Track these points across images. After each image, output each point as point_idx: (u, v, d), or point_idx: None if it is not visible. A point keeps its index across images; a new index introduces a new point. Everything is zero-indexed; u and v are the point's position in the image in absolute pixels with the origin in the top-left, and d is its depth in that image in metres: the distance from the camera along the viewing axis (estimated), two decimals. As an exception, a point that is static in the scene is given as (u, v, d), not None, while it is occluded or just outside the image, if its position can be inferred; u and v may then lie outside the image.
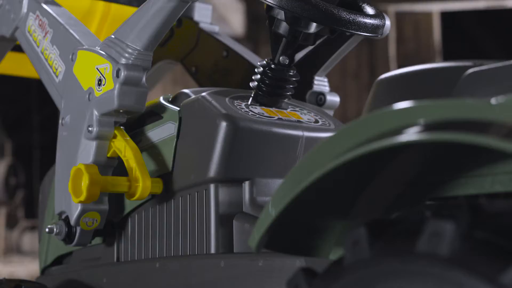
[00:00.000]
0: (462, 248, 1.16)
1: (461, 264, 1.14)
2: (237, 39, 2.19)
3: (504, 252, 1.12)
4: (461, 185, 1.50)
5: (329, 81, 2.64)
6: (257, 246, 1.46)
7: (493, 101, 1.21)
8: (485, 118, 1.20)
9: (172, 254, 2.19)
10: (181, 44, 2.89)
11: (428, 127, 1.25)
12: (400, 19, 8.65)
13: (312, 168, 1.40)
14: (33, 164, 13.05)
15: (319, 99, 2.53)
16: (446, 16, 9.15)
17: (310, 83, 2.53)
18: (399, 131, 1.28)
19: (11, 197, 12.06)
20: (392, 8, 8.67)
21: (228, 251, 2.08)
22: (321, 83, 2.55)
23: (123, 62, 2.17)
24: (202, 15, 2.86)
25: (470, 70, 1.53)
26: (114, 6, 2.83)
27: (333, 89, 2.62)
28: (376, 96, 1.70)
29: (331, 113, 2.54)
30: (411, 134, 1.24)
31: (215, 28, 2.86)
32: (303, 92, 2.53)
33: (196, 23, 2.85)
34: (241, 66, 2.72)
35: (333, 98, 2.55)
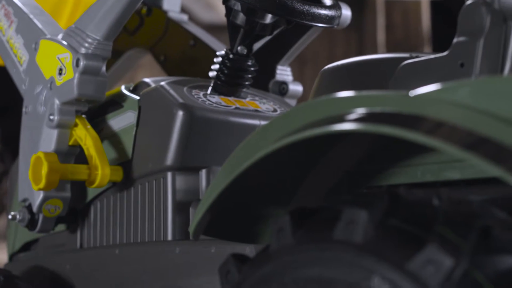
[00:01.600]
0: (375, 236, 1.19)
1: (373, 251, 1.18)
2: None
3: (414, 240, 1.16)
4: (394, 175, 1.54)
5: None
6: (193, 232, 1.50)
7: (411, 93, 1.25)
8: (405, 111, 1.23)
9: (132, 241, 2.23)
10: (150, 33, 2.92)
11: (350, 118, 1.28)
12: (389, 6, 8.66)
13: (245, 155, 1.43)
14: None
15: (281, 89, 2.56)
16: (435, 3, 9.16)
17: (273, 73, 2.56)
18: (325, 121, 1.32)
19: (-2, 184, 12.07)
20: (381, -5, 8.67)
21: (185, 238, 2.12)
22: (283, 73, 2.58)
23: (83, 52, 2.20)
24: (171, 4, 2.88)
25: (405, 62, 1.57)
26: None
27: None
28: (319, 86, 1.74)
29: (294, 102, 2.57)
30: (331, 125, 1.28)
31: (184, 17, 2.89)
32: (266, 81, 2.56)
33: (165, 12, 2.87)
34: (208, 55, 2.75)
35: (296, 88, 2.58)
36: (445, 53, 1.51)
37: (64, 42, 2.25)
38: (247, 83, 2.30)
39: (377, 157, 1.56)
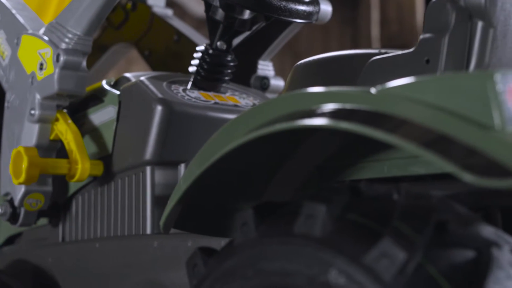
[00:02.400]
0: (334, 230, 1.21)
1: (331, 244, 1.19)
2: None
3: (370, 234, 1.18)
4: (362, 169, 1.55)
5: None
6: (163, 224, 1.52)
7: (372, 90, 1.26)
8: (365, 107, 1.25)
9: (112, 235, 2.25)
10: (135, 27, 2.94)
11: (313, 114, 1.30)
12: (384, 1, 8.66)
13: (214, 149, 1.45)
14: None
15: (263, 84, 2.58)
16: (430, -2, 9.15)
17: (254, 68, 2.58)
18: (289, 117, 1.34)
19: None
20: (376, -11, 8.68)
21: (163, 231, 2.14)
22: (265, 68, 2.59)
23: (63, 47, 2.21)
24: None
25: (373, 58, 1.58)
26: None
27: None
28: (292, 81, 1.76)
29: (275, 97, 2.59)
30: (293, 121, 1.29)
31: (169, 12, 2.90)
32: (247, 76, 2.58)
33: (150, 7, 2.89)
34: (191, 51, 2.76)
35: (277, 83, 2.59)
36: (411, 50, 1.53)
37: (45, 37, 2.26)
38: (226, 78, 2.31)
39: (347, 152, 1.58)
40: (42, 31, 2.30)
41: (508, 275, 1.12)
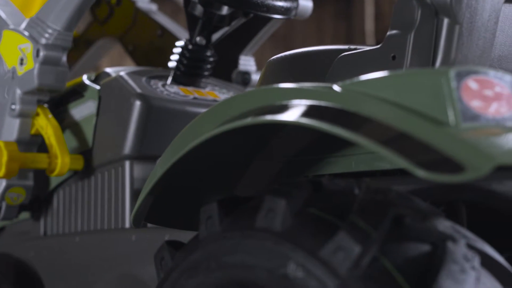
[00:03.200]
0: (293, 224, 1.23)
1: (290, 238, 1.21)
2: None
3: (328, 228, 1.19)
4: (330, 164, 1.57)
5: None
6: (133, 218, 1.54)
7: (335, 87, 1.28)
8: (326, 104, 1.26)
9: (92, 229, 2.27)
10: (120, 22, 2.95)
11: (275, 110, 1.32)
12: (378, -5, 8.67)
13: (182, 143, 1.47)
14: None
15: (244, 79, 2.59)
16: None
17: (236, 63, 2.60)
18: (252, 112, 1.35)
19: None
20: (370, -16, 8.69)
21: (142, 225, 2.16)
22: (246, 63, 2.61)
23: (43, 42, 2.23)
24: None
25: (342, 55, 1.60)
26: None
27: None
28: (264, 76, 1.77)
29: (257, 92, 2.60)
30: (254, 117, 1.31)
31: (153, 7, 2.91)
32: (229, 72, 2.60)
33: (133, 2, 2.90)
34: (174, 45, 2.78)
35: (258, 77, 2.61)
36: (378, 46, 1.54)
37: (26, 33, 2.28)
38: (206, 73, 2.33)
39: (316, 147, 1.60)
40: (23, 26, 2.31)
41: (462, 268, 1.14)
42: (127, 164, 2.17)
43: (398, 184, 1.46)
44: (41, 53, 2.21)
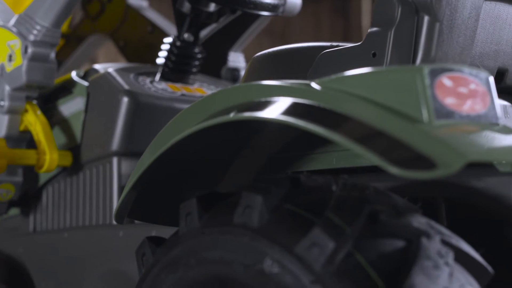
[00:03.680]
0: (270, 220, 1.24)
1: (266, 234, 1.22)
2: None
3: (303, 224, 1.20)
4: (312, 161, 1.58)
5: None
6: (116, 213, 1.54)
7: (313, 84, 1.29)
8: (303, 101, 1.27)
9: (80, 225, 2.28)
10: (111, 19, 2.96)
11: (255, 107, 1.33)
12: (374, -9, 8.67)
13: (162, 141, 1.48)
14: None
15: (234, 75, 2.60)
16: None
17: (225, 60, 2.61)
18: (230, 109, 1.36)
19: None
20: (367, -20, 8.70)
21: (129, 222, 2.17)
22: (236, 59, 2.62)
23: (31, 39, 2.24)
24: None
25: (324, 52, 1.61)
26: None
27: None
28: (248, 73, 1.78)
29: (246, 88, 2.61)
30: (231, 114, 1.32)
31: (143, 4, 2.92)
32: (218, 68, 2.61)
33: (124, -1, 2.91)
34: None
35: (248, 74, 2.61)
36: (359, 43, 1.55)
37: (14, 29, 2.28)
38: (194, 70, 2.34)
39: (299, 143, 1.61)
40: (12, 22, 2.32)
41: (435, 264, 1.15)
42: (114, 160, 2.18)
43: (379, 180, 1.47)
44: (29, 50, 2.22)
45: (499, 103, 1.71)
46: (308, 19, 8.54)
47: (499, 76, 1.68)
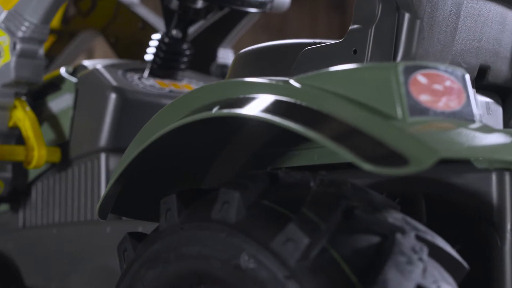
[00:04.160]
0: (248, 216, 1.25)
1: (243, 230, 1.23)
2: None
3: (280, 220, 1.21)
4: (295, 157, 1.59)
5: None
6: (98, 209, 1.55)
7: (292, 81, 1.30)
8: (281, 98, 1.28)
9: (69, 221, 2.29)
10: (102, 15, 2.97)
11: (234, 104, 1.34)
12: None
13: (144, 137, 1.49)
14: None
15: (223, 72, 2.61)
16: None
17: (215, 56, 2.61)
18: (209, 106, 1.37)
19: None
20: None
21: (117, 218, 2.18)
22: (225, 56, 2.63)
23: (20, 36, 2.24)
24: None
25: (306, 49, 1.62)
26: None
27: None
28: (233, 70, 1.79)
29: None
30: (210, 111, 1.33)
31: (134, 0, 2.93)
32: (208, 65, 2.62)
33: (115, -5, 2.92)
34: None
35: (237, 70, 2.62)
36: (340, 40, 1.56)
37: (2, 25, 2.29)
38: (182, 66, 2.35)
39: (281, 140, 1.61)
40: (0, 19, 2.33)
41: (409, 260, 1.16)
42: (102, 156, 2.19)
43: (360, 177, 1.48)
44: (18, 46, 2.23)
45: (482, 100, 1.72)
46: (305, 15, 8.54)
47: (481, 73, 1.69)
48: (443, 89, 1.21)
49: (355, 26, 1.53)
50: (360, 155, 1.12)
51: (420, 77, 1.19)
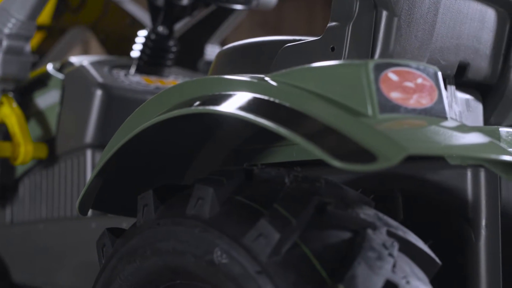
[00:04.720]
0: (221, 211, 1.26)
1: (217, 226, 1.24)
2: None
3: (252, 216, 1.22)
4: (274, 153, 1.60)
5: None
6: (79, 204, 1.56)
7: (266, 78, 1.31)
8: (260, 95, 1.29)
9: (56, 217, 2.30)
10: (92, 11, 2.98)
11: (206, 101, 1.35)
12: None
13: (124, 132, 1.50)
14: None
15: (210, 68, 2.62)
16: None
17: (202, 53, 2.63)
18: (186, 103, 1.38)
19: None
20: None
21: (102, 214, 2.19)
22: (213, 52, 2.64)
23: (6, 32, 2.26)
24: None
25: (285, 46, 1.62)
26: None
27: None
28: (215, 66, 1.80)
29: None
30: (185, 108, 1.34)
31: (124, -3, 2.94)
32: (195, 61, 2.63)
33: (104, -9, 2.93)
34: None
35: (224, 67, 2.63)
36: (319, 37, 1.56)
37: (-11, 22, 2.30)
38: (169, 62, 2.36)
39: (261, 136, 1.62)
40: (-12, 16, 2.34)
41: (379, 255, 1.17)
42: (88, 152, 2.20)
43: (337, 173, 1.49)
44: (4, 43, 2.24)
45: (462, 97, 1.73)
46: (302, 11, 8.54)
47: (461, 70, 1.70)
48: (414, 86, 1.22)
49: (333, 23, 1.53)
50: (329, 152, 1.13)
51: (391, 75, 1.20)
